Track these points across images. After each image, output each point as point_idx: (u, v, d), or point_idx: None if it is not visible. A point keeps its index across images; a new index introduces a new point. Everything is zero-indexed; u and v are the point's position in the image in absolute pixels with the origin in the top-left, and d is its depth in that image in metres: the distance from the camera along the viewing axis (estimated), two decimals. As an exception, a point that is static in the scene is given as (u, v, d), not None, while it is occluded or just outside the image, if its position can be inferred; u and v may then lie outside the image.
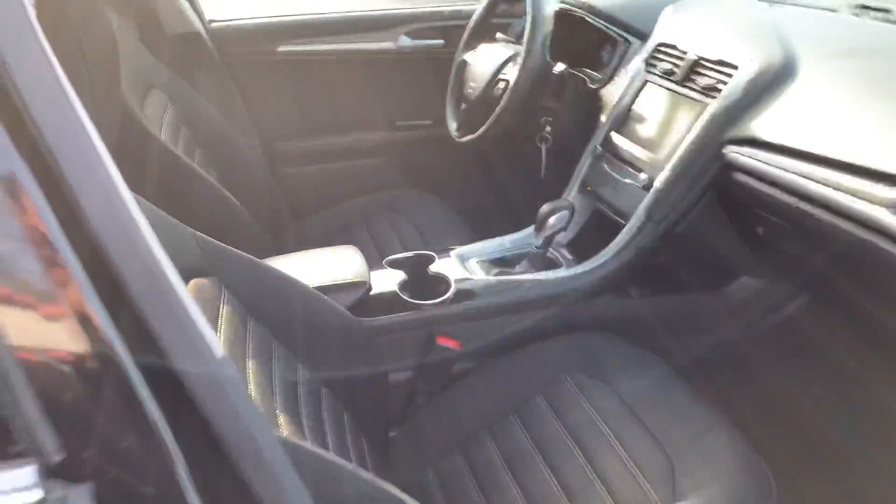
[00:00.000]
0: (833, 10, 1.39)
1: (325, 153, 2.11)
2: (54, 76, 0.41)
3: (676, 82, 1.37)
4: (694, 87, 1.33)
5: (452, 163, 2.10)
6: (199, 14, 1.86)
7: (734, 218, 1.33)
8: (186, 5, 1.80)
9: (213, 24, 1.92)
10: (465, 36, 1.82)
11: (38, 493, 0.40)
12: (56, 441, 0.41)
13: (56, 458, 0.41)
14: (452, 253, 1.45)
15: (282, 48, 1.97)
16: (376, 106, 2.10)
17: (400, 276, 1.32)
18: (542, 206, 1.40)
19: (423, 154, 2.16)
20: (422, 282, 1.32)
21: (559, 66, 1.58)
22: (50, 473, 0.41)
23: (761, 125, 1.18)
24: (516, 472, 1.10)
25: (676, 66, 1.38)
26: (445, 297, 1.30)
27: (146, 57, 1.57)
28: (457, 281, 1.33)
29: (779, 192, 1.10)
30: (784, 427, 1.41)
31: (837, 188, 0.99)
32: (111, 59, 1.38)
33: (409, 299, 1.29)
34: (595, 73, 1.68)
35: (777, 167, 1.11)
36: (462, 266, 1.42)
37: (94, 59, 1.31)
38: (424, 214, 1.85)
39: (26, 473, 0.40)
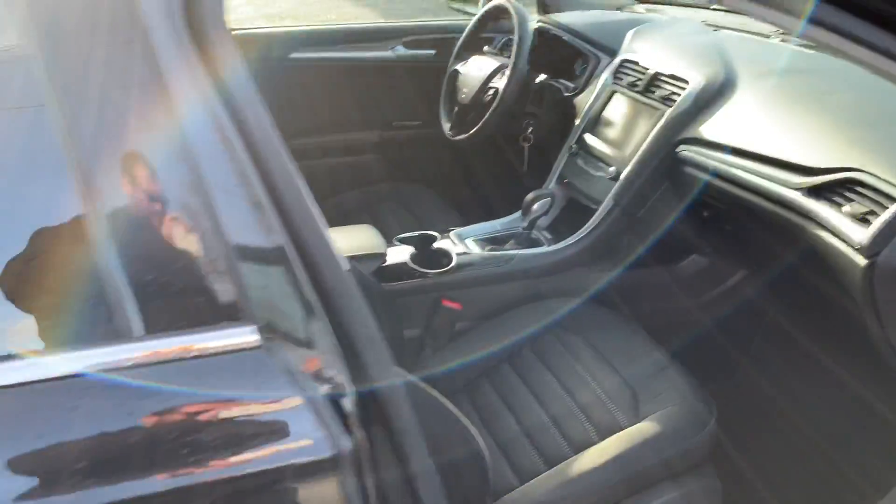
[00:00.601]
0: (766, 36, 1.69)
1: (327, 149, 2.30)
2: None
3: (639, 92, 1.64)
4: (653, 97, 1.60)
5: (440, 159, 2.34)
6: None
7: (685, 204, 1.59)
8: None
9: (232, 33, 2.12)
10: (457, 48, 2.06)
11: (258, 342, 0.65)
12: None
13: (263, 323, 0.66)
14: (452, 233, 1.69)
15: (293, 55, 2.17)
16: (374, 108, 2.31)
17: (409, 250, 1.55)
18: (524, 195, 1.66)
19: (415, 151, 2.38)
20: (428, 255, 1.56)
21: (539, 77, 1.85)
22: (264, 331, 0.66)
23: (706, 128, 1.46)
24: (511, 407, 1.34)
25: (639, 79, 1.66)
26: (448, 267, 1.54)
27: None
28: (457, 255, 1.57)
29: (718, 180, 1.39)
30: (727, 378, 1.68)
31: (762, 176, 1.27)
32: None
33: (419, 268, 1.54)
34: (569, 83, 1.92)
35: (717, 161, 1.39)
36: (461, 243, 1.66)
37: None
38: (418, 204, 2.08)
39: (252, 329, 0.65)
